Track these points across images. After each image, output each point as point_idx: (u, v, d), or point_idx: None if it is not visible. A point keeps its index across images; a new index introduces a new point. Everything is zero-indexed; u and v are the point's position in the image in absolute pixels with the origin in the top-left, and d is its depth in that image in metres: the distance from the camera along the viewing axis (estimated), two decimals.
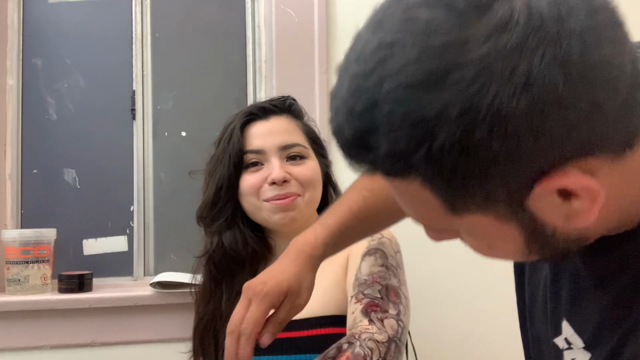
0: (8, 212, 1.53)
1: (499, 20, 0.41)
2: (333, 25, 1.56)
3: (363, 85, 0.44)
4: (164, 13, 1.63)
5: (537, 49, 0.40)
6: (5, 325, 1.40)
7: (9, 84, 1.55)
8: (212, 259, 1.11)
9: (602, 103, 0.42)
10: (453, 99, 0.41)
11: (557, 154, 0.43)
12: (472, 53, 0.41)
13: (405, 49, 0.42)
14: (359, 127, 0.45)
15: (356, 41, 0.47)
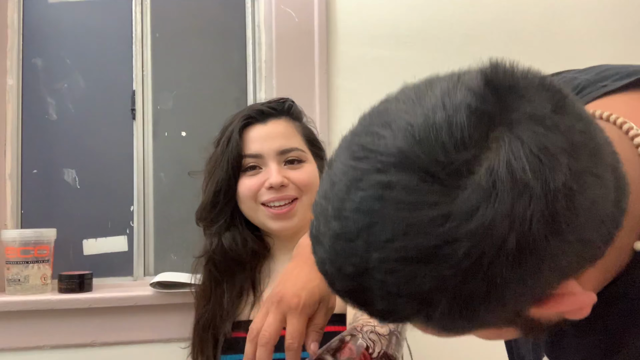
0: (8, 212, 1.53)
1: (482, 192, 0.40)
2: (333, 25, 1.57)
3: (349, 247, 0.43)
4: (164, 13, 1.63)
5: (525, 214, 0.39)
6: (5, 325, 1.40)
7: (9, 84, 1.55)
8: (213, 260, 1.13)
9: (591, 238, 0.43)
10: (447, 272, 0.41)
11: (550, 286, 0.44)
12: (460, 228, 0.40)
13: (389, 220, 0.41)
14: (351, 287, 0.45)
15: (330, 189, 0.45)
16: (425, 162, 0.40)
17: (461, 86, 0.43)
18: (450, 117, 0.41)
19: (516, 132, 0.40)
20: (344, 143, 0.47)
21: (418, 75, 1.64)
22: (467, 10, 1.63)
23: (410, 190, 0.41)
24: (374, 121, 0.45)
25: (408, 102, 0.44)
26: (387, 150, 0.42)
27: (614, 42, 1.67)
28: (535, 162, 0.40)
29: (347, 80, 1.56)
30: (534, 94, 0.43)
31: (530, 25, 1.65)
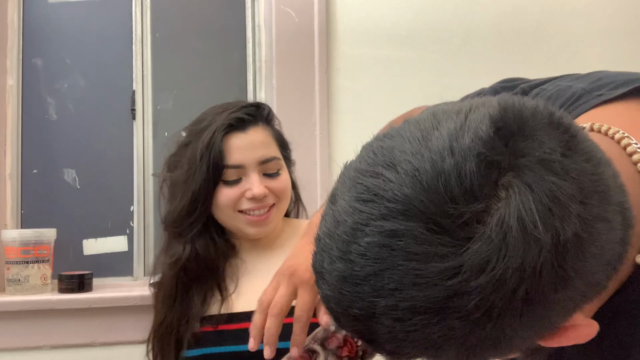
0: (8, 212, 1.53)
1: (492, 245, 0.39)
2: (333, 25, 1.57)
3: (355, 291, 0.42)
4: (164, 13, 1.63)
5: (535, 267, 0.39)
6: (5, 325, 1.40)
7: (9, 84, 1.55)
8: (185, 267, 1.11)
9: (599, 279, 0.43)
10: (457, 324, 0.40)
11: (554, 327, 0.44)
12: (470, 282, 0.39)
13: (398, 269, 0.40)
14: (358, 328, 0.45)
15: (334, 227, 0.44)
16: (434, 212, 0.40)
17: (469, 129, 0.41)
18: (458, 164, 0.40)
19: (526, 179, 0.40)
20: (347, 180, 0.45)
21: (418, 75, 1.65)
22: (467, 10, 1.63)
23: (418, 240, 0.40)
24: (378, 160, 0.43)
25: (414, 142, 0.43)
26: (393, 196, 0.41)
27: (614, 42, 1.67)
28: (545, 214, 0.39)
29: (347, 80, 1.56)
30: (543, 134, 0.42)
31: (530, 25, 1.65)
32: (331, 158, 1.54)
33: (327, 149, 1.53)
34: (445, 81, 1.60)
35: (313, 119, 1.52)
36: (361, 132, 1.51)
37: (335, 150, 1.54)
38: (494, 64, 1.63)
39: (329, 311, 0.47)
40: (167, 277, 1.13)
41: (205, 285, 1.12)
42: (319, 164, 1.52)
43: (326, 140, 1.53)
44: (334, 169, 1.54)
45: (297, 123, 1.50)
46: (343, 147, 1.55)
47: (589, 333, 0.45)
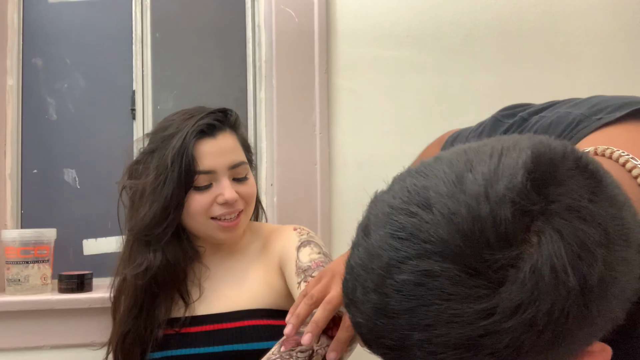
0: (8, 212, 1.53)
1: (525, 290, 0.41)
2: (333, 25, 1.57)
3: (390, 323, 0.45)
4: (164, 13, 1.63)
5: (563, 310, 0.42)
6: (5, 325, 1.40)
7: (9, 84, 1.55)
8: (155, 276, 1.10)
9: (618, 315, 0.46)
10: (487, 359, 0.43)
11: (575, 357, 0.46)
12: (503, 323, 0.41)
13: (433, 307, 0.43)
14: (390, 357, 0.47)
15: (368, 261, 0.46)
16: (470, 256, 0.42)
17: (502, 175, 0.43)
18: (493, 211, 0.42)
19: (556, 225, 0.42)
20: (381, 214, 0.47)
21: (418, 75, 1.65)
22: (467, 10, 1.63)
23: (454, 281, 0.42)
24: (413, 199, 0.45)
25: (448, 184, 0.45)
26: (429, 237, 0.43)
27: (614, 42, 1.67)
28: (574, 260, 0.42)
29: (347, 80, 1.56)
30: (572, 180, 0.44)
31: (530, 25, 1.65)
32: (331, 158, 1.54)
33: (327, 149, 1.53)
34: (445, 81, 1.60)
35: (313, 119, 1.52)
36: (361, 132, 1.52)
37: (335, 150, 1.54)
38: (494, 64, 1.63)
39: (361, 336, 0.49)
40: (134, 287, 1.12)
41: (171, 291, 1.12)
42: (319, 164, 1.52)
43: (326, 140, 1.53)
44: (334, 169, 1.54)
45: (297, 123, 1.50)
46: (343, 147, 1.55)
47: (604, 357, 0.48)
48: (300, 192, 1.44)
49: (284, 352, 0.87)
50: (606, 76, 1.65)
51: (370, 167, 1.55)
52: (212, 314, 1.11)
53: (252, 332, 1.07)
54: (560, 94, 1.72)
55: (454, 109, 1.59)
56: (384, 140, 1.55)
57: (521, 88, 1.61)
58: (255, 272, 1.16)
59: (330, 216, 1.51)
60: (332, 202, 1.53)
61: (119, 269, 1.18)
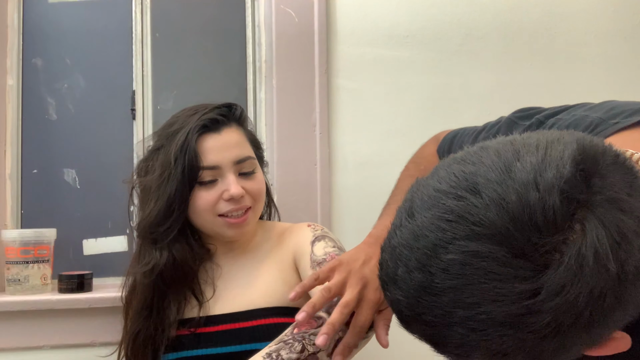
0: (8, 212, 1.53)
1: (569, 272, 0.44)
2: (333, 25, 1.57)
3: (433, 301, 0.47)
4: (164, 13, 1.63)
5: (602, 293, 0.45)
6: (5, 325, 1.40)
7: (9, 84, 1.55)
8: (161, 273, 1.09)
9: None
10: (527, 337, 0.46)
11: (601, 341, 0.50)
12: (546, 303, 0.45)
13: (479, 286, 0.45)
14: (428, 332, 0.49)
15: (414, 240, 0.48)
16: (519, 239, 0.45)
17: (550, 165, 0.46)
18: (543, 199, 0.45)
19: (598, 214, 0.45)
20: (427, 198, 0.49)
21: (418, 75, 1.65)
22: (467, 10, 1.63)
23: (501, 262, 0.45)
24: (461, 184, 0.48)
25: (497, 172, 0.47)
26: (479, 220, 0.46)
27: (614, 42, 1.67)
28: (615, 247, 0.45)
29: (347, 80, 1.56)
30: (612, 174, 0.48)
31: (530, 25, 1.65)
32: (331, 158, 1.54)
33: (327, 149, 1.53)
34: (445, 81, 1.60)
35: (313, 119, 1.52)
36: (361, 132, 1.52)
37: (335, 150, 1.54)
38: (494, 64, 1.63)
39: (397, 314, 0.52)
40: (143, 286, 1.11)
41: (181, 290, 1.11)
42: (319, 164, 1.52)
43: (326, 140, 1.53)
44: (334, 169, 1.54)
45: (297, 123, 1.50)
46: (343, 147, 1.55)
47: (625, 344, 0.51)
48: (300, 192, 1.44)
49: (296, 333, 0.89)
50: (606, 76, 1.65)
51: (370, 167, 1.55)
52: (227, 313, 1.10)
53: (268, 330, 1.05)
54: (560, 94, 1.73)
55: (454, 109, 1.59)
56: (384, 140, 1.55)
57: (521, 88, 1.61)
58: (269, 270, 1.15)
59: (330, 216, 1.51)
60: (332, 202, 1.53)
61: (130, 270, 1.17)
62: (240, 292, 1.13)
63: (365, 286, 0.85)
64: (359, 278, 0.85)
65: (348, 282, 0.85)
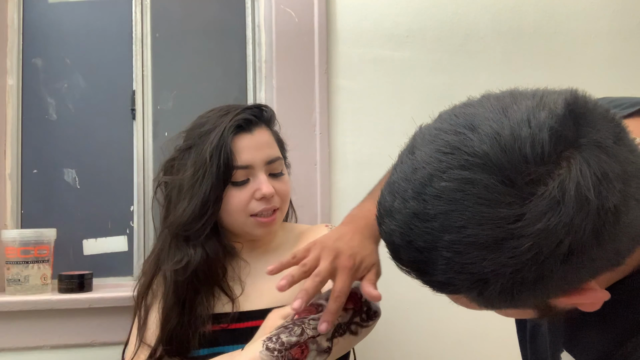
0: (8, 212, 1.53)
1: (552, 200, 0.47)
2: (333, 25, 1.57)
3: (424, 226, 0.51)
4: (164, 13, 1.63)
5: (581, 225, 0.47)
6: (5, 325, 1.40)
7: (9, 84, 1.55)
8: (196, 271, 1.10)
9: (623, 250, 0.52)
10: (508, 262, 0.49)
11: (580, 282, 0.52)
12: (527, 228, 0.47)
13: (467, 210, 0.49)
14: (417, 258, 0.52)
15: (412, 173, 0.52)
16: (509, 169, 0.48)
17: (544, 107, 0.50)
18: (534, 134, 0.48)
19: (584, 155, 0.48)
20: (427, 135, 0.53)
21: (418, 75, 1.65)
22: (467, 10, 1.63)
23: (490, 189, 0.48)
24: (460, 122, 0.52)
25: (494, 112, 0.51)
26: (473, 151, 0.49)
27: (614, 42, 1.67)
28: (597, 184, 0.48)
29: (347, 80, 1.56)
30: (600, 123, 0.50)
31: (530, 25, 1.65)
32: (331, 158, 1.54)
33: (327, 149, 1.53)
34: (445, 81, 1.60)
35: (313, 119, 1.52)
36: (361, 132, 1.52)
37: (335, 150, 1.54)
38: (494, 63, 1.63)
39: (389, 245, 0.55)
40: (175, 283, 1.11)
41: (212, 287, 1.12)
42: (319, 164, 1.52)
43: (326, 140, 1.53)
44: (334, 169, 1.54)
45: (297, 123, 1.50)
46: (343, 147, 1.55)
47: (600, 298, 0.54)
48: (300, 192, 1.44)
49: (297, 319, 0.91)
50: (606, 76, 1.65)
51: (370, 167, 1.55)
52: (260, 309, 1.11)
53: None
54: None
55: None
56: (384, 140, 1.55)
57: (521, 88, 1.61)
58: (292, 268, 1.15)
59: (330, 216, 1.51)
60: (332, 202, 1.53)
61: (150, 267, 1.17)
62: (268, 287, 1.14)
63: (337, 256, 0.91)
64: (331, 249, 0.91)
65: (321, 255, 0.91)
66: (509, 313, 0.60)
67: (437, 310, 1.53)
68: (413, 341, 1.56)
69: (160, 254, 1.16)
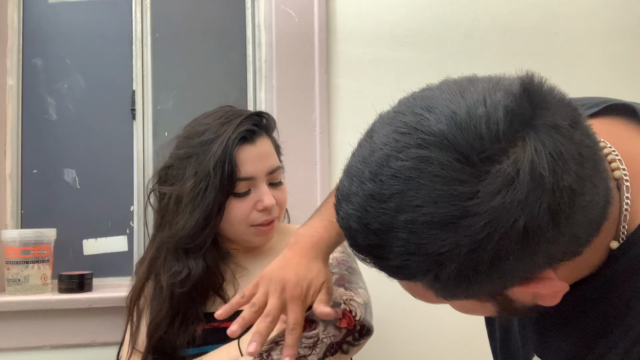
0: (8, 212, 1.53)
1: (506, 178, 0.47)
2: (333, 25, 1.57)
3: (380, 207, 0.50)
4: (164, 13, 1.63)
5: (535, 204, 0.47)
6: (5, 325, 1.40)
7: (9, 84, 1.55)
8: (196, 283, 1.09)
9: (580, 235, 0.51)
10: (463, 241, 0.48)
11: (537, 270, 0.51)
12: (482, 205, 0.47)
13: (422, 188, 0.48)
14: (373, 241, 0.51)
15: (369, 155, 0.52)
16: (464, 146, 0.48)
17: (500, 88, 0.50)
18: (489, 113, 0.48)
19: (540, 135, 0.48)
20: (386, 119, 0.54)
21: (418, 75, 1.67)
22: (467, 10, 1.63)
23: (446, 166, 0.48)
24: (417, 104, 0.52)
25: (451, 93, 0.51)
26: (430, 130, 0.49)
27: (614, 42, 1.67)
28: (551, 163, 0.47)
29: (347, 80, 1.56)
30: (557, 107, 0.50)
31: (530, 25, 1.65)
32: (331, 158, 1.54)
33: (327, 149, 1.53)
34: None
35: (313, 119, 1.52)
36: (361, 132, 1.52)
37: (335, 150, 1.54)
38: (494, 64, 1.62)
39: (346, 231, 0.54)
40: (172, 293, 1.09)
41: (207, 292, 1.12)
42: (319, 164, 1.52)
43: (326, 140, 1.53)
44: (334, 169, 1.54)
45: (297, 123, 1.50)
46: (343, 147, 1.55)
47: (559, 288, 0.53)
48: (300, 192, 1.44)
49: None
50: (606, 76, 1.65)
51: None
52: None
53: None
54: None
55: None
56: None
57: None
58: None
59: None
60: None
61: (143, 273, 1.15)
62: None
63: (284, 288, 0.89)
64: (277, 282, 0.89)
65: (269, 291, 0.89)
66: (467, 307, 0.58)
67: (437, 310, 1.53)
68: (413, 341, 1.56)
69: (154, 262, 1.14)
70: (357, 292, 1.02)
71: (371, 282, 1.12)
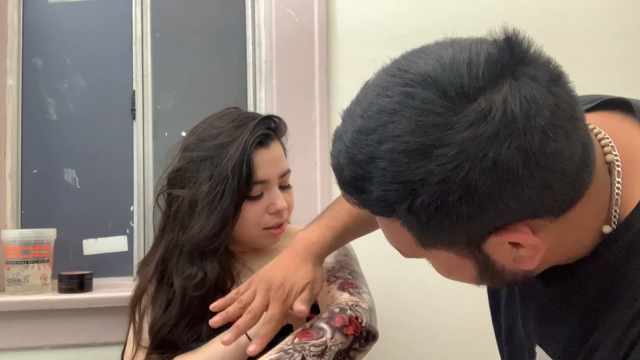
0: (8, 212, 1.53)
1: (480, 113, 0.50)
2: (333, 25, 1.57)
3: (365, 139, 0.54)
4: (164, 13, 1.63)
5: (506, 140, 0.49)
6: (5, 325, 1.40)
7: (9, 84, 1.55)
8: (207, 284, 1.09)
9: (552, 184, 0.52)
10: (435, 170, 0.51)
11: (511, 217, 0.53)
12: (455, 136, 0.50)
13: (404, 120, 0.52)
14: (357, 173, 0.54)
15: (363, 97, 0.56)
16: (444, 83, 0.51)
17: (487, 41, 0.54)
18: (472, 57, 0.52)
19: (519, 83, 0.51)
20: (381, 71, 0.58)
21: None
22: (467, 10, 1.63)
23: (426, 101, 0.51)
24: (412, 54, 0.57)
25: (442, 45, 0.56)
26: (417, 71, 0.53)
27: (614, 42, 1.67)
28: (525, 105, 0.50)
29: (347, 80, 1.56)
30: (539, 63, 0.53)
31: (530, 25, 1.64)
32: None
33: (327, 149, 1.53)
34: None
35: (313, 119, 1.52)
36: None
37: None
38: None
39: (336, 170, 0.58)
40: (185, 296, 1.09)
41: (216, 293, 1.11)
42: (319, 164, 1.52)
43: (326, 140, 1.53)
44: None
45: (297, 123, 1.50)
46: None
47: (536, 243, 0.55)
48: (300, 192, 1.44)
49: (297, 343, 0.90)
50: (606, 76, 1.65)
51: None
52: None
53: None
54: None
55: None
56: None
57: None
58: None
59: None
60: None
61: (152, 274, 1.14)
62: None
63: (269, 288, 0.95)
64: (265, 282, 0.96)
65: (257, 290, 0.96)
66: (447, 264, 0.61)
67: (437, 311, 1.53)
68: (413, 341, 1.56)
69: (163, 264, 1.14)
70: (362, 298, 1.02)
71: (372, 282, 1.13)
